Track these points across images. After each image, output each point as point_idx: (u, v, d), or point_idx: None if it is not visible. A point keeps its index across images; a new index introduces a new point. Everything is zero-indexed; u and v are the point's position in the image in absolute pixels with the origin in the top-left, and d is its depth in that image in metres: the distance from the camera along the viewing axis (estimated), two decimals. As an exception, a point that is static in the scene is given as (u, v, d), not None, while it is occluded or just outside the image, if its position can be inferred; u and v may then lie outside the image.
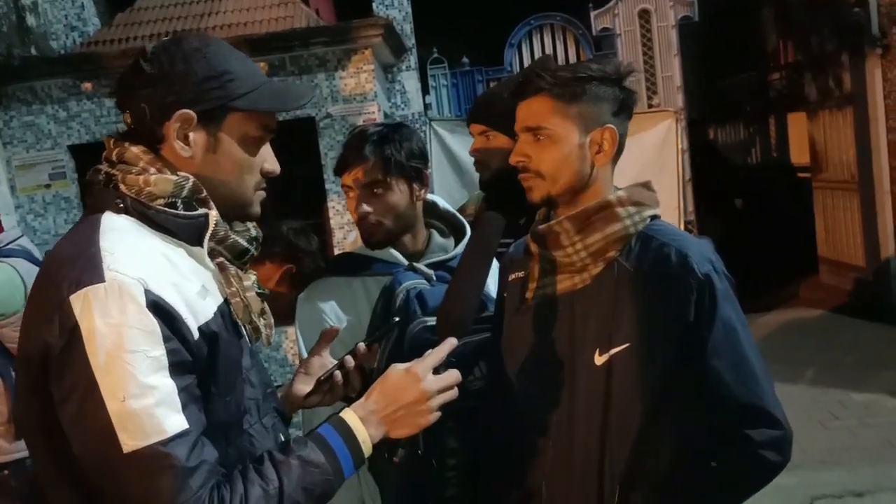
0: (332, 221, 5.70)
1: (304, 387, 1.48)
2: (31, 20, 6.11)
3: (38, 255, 3.02)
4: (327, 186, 5.64)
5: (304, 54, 5.42)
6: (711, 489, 1.38)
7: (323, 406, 1.51)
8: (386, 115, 5.96)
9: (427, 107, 6.98)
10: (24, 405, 1.15)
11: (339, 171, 1.79)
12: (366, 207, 1.74)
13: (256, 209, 1.29)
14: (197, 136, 1.19)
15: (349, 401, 1.48)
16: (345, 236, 5.67)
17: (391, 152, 1.75)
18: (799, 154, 9.14)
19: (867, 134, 6.93)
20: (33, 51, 6.04)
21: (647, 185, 1.53)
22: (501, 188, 2.11)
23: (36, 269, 2.86)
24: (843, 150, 7.43)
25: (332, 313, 1.77)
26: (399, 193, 1.77)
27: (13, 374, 2.81)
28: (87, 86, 5.49)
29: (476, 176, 5.94)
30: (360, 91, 5.53)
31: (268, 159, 1.28)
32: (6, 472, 2.84)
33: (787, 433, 1.38)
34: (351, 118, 5.53)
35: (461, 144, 6.48)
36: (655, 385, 1.37)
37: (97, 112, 5.57)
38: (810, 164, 8.43)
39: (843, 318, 6.83)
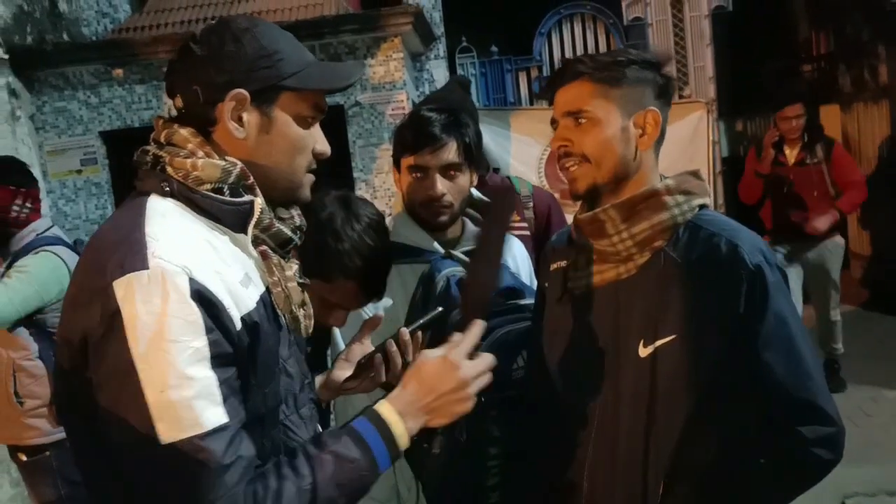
0: (359, 210, 5.68)
1: (342, 372, 1.47)
2: (63, 6, 6.14)
3: (69, 241, 3.05)
4: (355, 175, 5.63)
5: (334, 41, 5.39)
6: (759, 486, 1.35)
7: (362, 392, 1.50)
8: (414, 104, 5.93)
9: (455, 96, 6.93)
10: (63, 388, 1.15)
11: (410, 150, 1.76)
12: (441, 188, 1.74)
13: (307, 192, 1.28)
14: (250, 117, 1.18)
15: (388, 387, 1.47)
16: (372, 225, 5.65)
17: (467, 137, 1.76)
18: (831, 146, 8.98)
19: (903, 127, 6.79)
20: (65, 37, 6.08)
21: (696, 174, 1.49)
22: None
23: (76, 256, 2.91)
24: (878, 144, 7.28)
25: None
26: (467, 178, 1.79)
27: (54, 358, 2.85)
28: (119, 72, 5.51)
29: (503, 163, 5.93)
30: (388, 79, 5.50)
31: (319, 140, 1.27)
32: (48, 452, 2.89)
33: (840, 430, 1.35)
34: (379, 106, 5.51)
35: (488, 133, 6.41)
36: (702, 378, 1.34)
37: (128, 98, 5.59)
38: (843, 156, 8.27)
39: (875, 313, 6.71)
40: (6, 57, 5.20)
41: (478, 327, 1.28)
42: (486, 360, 1.26)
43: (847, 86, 8.08)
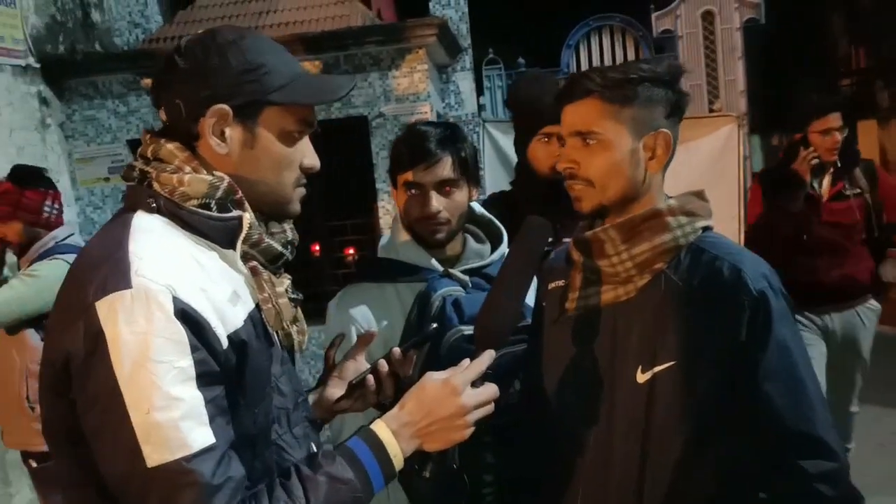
0: (381, 221, 5.68)
1: (335, 391, 1.44)
2: (95, 16, 6.25)
3: None
4: (378, 186, 5.63)
5: (358, 53, 5.41)
6: None
7: (354, 412, 1.47)
8: (439, 116, 5.93)
9: (481, 108, 6.91)
10: (49, 409, 1.13)
11: (405, 167, 1.73)
12: (436, 205, 1.71)
13: (296, 207, 1.25)
14: (233, 132, 1.16)
15: (381, 407, 1.44)
16: (395, 236, 5.65)
17: (464, 152, 1.74)
18: (867, 163, 8.79)
19: (942, 144, 6.61)
20: (97, 46, 6.18)
21: (699, 195, 1.44)
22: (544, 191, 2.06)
23: None
24: (916, 161, 7.11)
25: (364, 320, 1.72)
26: (465, 193, 1.76)
27: None
28: (147, 81, 5.58)
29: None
30: (413, 90, 5.50)
31: (307, 154, 1.24)
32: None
33: (844, 466, 1.28)
34: (403, 118, 5.51)
35: (513, 146, 6.38)
36: (701, 407, 1.29)
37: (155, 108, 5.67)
38: (880, 173, 8.09)
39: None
40: (38, 66, 5.30)
41: (487, 356, 1.24)
42: (489, 390, 1.22)
43: (885, 101, 7.91)
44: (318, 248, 5.79)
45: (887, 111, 7.88)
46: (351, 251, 5.80)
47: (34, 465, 2.96)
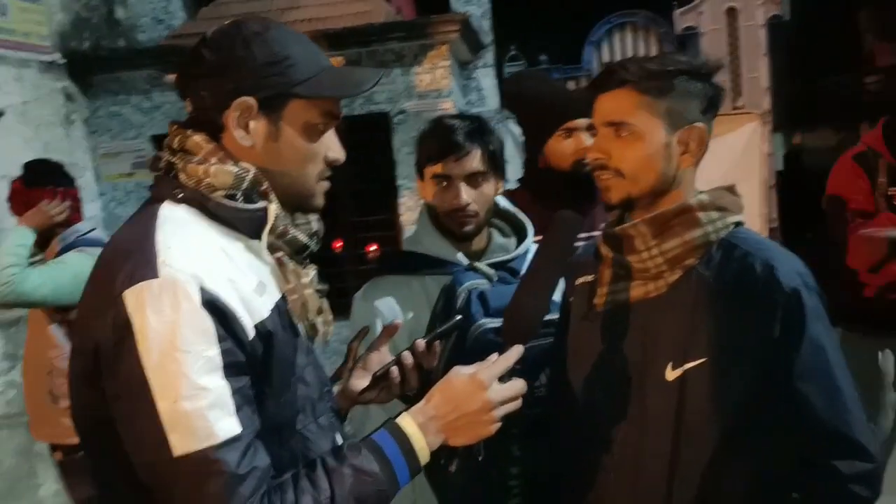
0: (402, 217, 5.69)
1: (360, 382, 1.44)
2: (120, 13, 6.31)
3: None
4: (399, 182, 5.63)
5: (381, 49, 5.42)
6: None
7: (379, 403, 1.47)
8: (461, 112, 5.92)
9: (503, 105, 6.90)
10: (78, 397, 1.14)
11: (434, 159, 1.73)
12: (466, 197, 1.71)
13: (320, 200, 1.24)
14: (258, 125, 1.16)
15: (405, 398, 1.44)
16: (416, 232, 5.65)
17: (492, 144, 1.74)
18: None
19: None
20: (121, 43, 6.24)
21: (731, 189, 1.42)
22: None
23: None
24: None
25: (390, 313, 1.72)
26: (493, 186, 1.76)
27: None
28: (171, 77, 5.62)
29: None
30: (435, 87, 5.50)
31: (332, 147, 1.23)
32: (82, 452, 2.92)
33: (879, 466, 1.26)
34: (426, 114, 5.50)
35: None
36: (733, 405, 1.27)
37: (179, 103, 5.57)
38: (906, 172, 7.97)
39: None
40: (63, 62, 5.35)
41: (515, 351, 1.23)
42: (517, 385, 1.21)
43: (911, 99, 7.80)
44: (340, 244, 5.81)
45: (914, 109, 7.77)
46: (373, 248, 5.81)
47: (60, 456, 2.99)
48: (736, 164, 5.80)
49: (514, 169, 6.36)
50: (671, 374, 1.31)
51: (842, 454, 1.25)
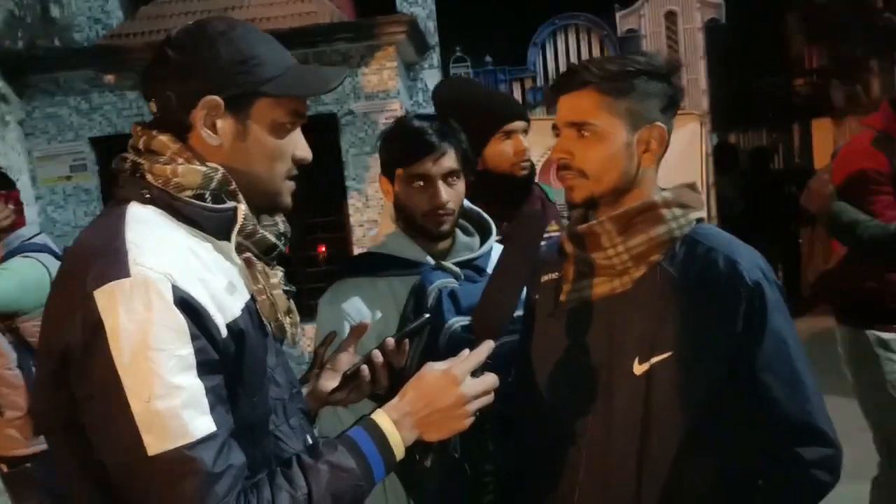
0: (351, 219, 5.66)
1: (329, 383, 1.44)
2: (55, 11, 6.12)
3: (58, 249, 3.00)
4: (347, 184, 5.61)
5: (328, 50, 5.39)
6: None
7: (349, 403, 1.47)
8: (407, 113, 5.93)
9: (449, 105, 6.92)
10: (45, 401, 1.12)
11: (411, 159, 1.72)
12: (445, 196, 1.71)
13: (287, 199, 1.24)
14: (225, 124, 1.15)
15: (376, 398, 1.44)
16: (364, 234, 5.63)
17: (463, 143, 1.76)
18: (823, 160, 9.02)
19: None
20: (56, 42, 6.05)
21: (692, 187, 1.46)
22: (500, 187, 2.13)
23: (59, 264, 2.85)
24: (871, 158, 7.30)
25: (357, 315, 1.71)
26: (463, 184, 1.77)
27: (33, 368, 2.80)
28: (110, 78, 5.49)
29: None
30: (382, 88, 5.49)
31: (299, 146, 1.23)
32: (28, 464, 2.83)
33: (839, 452, 1.32)
34: (373, 115, 5.50)
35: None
36: (699, 397, 1.31)
37: (119, 104, 5.57)
38: (835, 170, 8.29)
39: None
40: (-4, 62, 5.18)
41: (486, 346, 1.25)
42: (489, 380, 1.23)
43: (840, 100, 8.12)
44: (288, 246, 5.74)
45: (842, 110, 8.08)
46: (322, 249, 5.76)
47: (5, 469, 2.90)
48: (678, 163, 5.93)
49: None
50: (638, 369, 1.34)
51: (804, 441, 1.30)
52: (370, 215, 5.62)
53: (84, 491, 1.10)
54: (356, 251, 5.57)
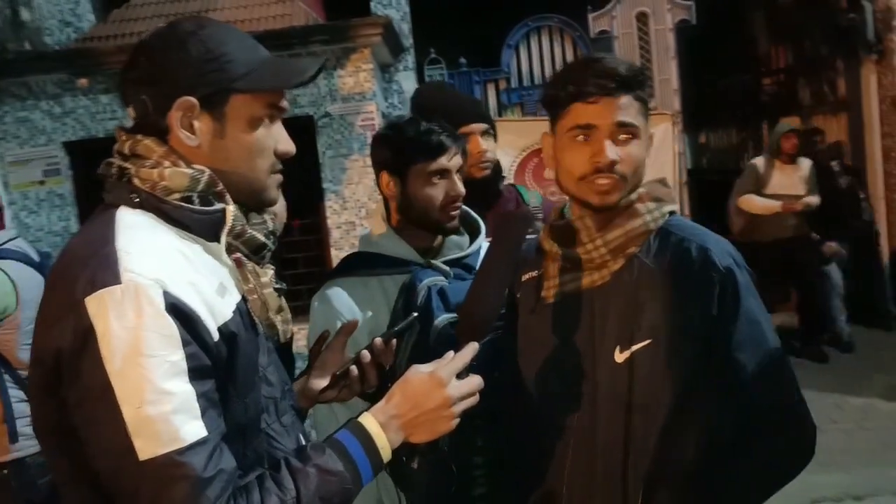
0: (329, 221, 5.67)
1: (320, 381, 1.46)
2: (25, 15, 6.05)
3: (34, 254, 2.97)
4: (324, 185, 5.61)
5: (303, 52, 5.38)
6: (737, 485, 1.37)
7: (339, 401, 1.49)
8: (383, 115, 5.94)
9: (423, 107, 6.94)
10: (38, 406, 1.12)
11: (435, 154, 1.76)
12: (462, 188, 1.79)
13: (273, 194, 1.24)
14: (202, 124, 1.15)
15: (365, 396, 1.47)
16: (342, 236, 5.64)
17: (462, 142, 1.82)
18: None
19: (861, 139, 6.96)
20: (27, 46, 5.99)
21: (663, 182, 1.53)
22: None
23: (30, 271, 2.81)
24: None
25: (349, 314, 1.74)
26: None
27: (3, 375, 2.78)
28: (83, 82, 5.45)
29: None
30: (358, 90, 5.51)
31: (280, 140, 1.23)
32: (6, 471, 2.81)
33: (813, 427, 1.38)
34: (349, 117, 5.51)
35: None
36: (679, 380, 1.36)
37: (92, 108, 5.53)
38: (803, 168, 8.43)
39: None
40: (-34, 66, 5.12)
41: (470, 349, 1.27)
42: (474, 381, 1.25)
43: (806, 99, 8.26)
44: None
45: (808, 108, 8.22)
46: (297, 223, 5.71)
47: None
48: (652, 162, 6.01)
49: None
50: (620, 357, 1.39)
51: (779, 417, 1.36)
52: (347, 217, 5.63)
53: (78, 495, 1.10)
54: (334, 253, 5.57)
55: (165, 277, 1.04)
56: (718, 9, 8.94)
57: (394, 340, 1.48)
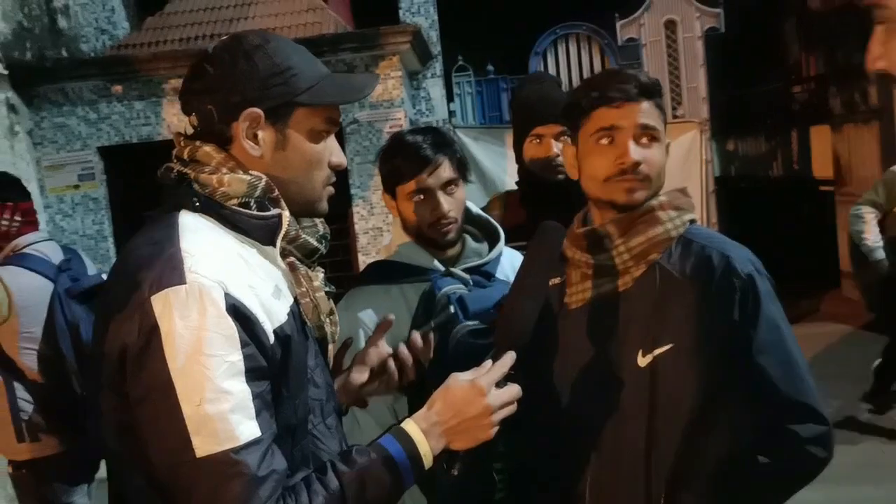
0: (356, 227, 5.72)
1: (360, 377, 1.49)
2: (62, 23, 6.20)
3: (56, 257, 2.96)
4: (352, 192, 5.67)
5: (333, 60, 5.45)
6: (758, 486, 1.39)
7: (378, 395, 1.53)
8: (411, 122, 6.00)
9: (451, 114, 7.00)
10: (104, 403, 1.15)
11: (411, 175, 1.77)
12: (447, 206, 1.76)
13: (325, 205, 1.29)
14: (265, 134, 1.20)
15: (404, 390, 1.50)
16: (369, 241, 5.69)
17: (457, 151, 1.81)
18: (821, 167, 9.08)
19: (893, 148, 6.88)
20: (64, 53, 6.14)
21: (683, 191, 1.56)
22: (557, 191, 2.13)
23: (33, 278, 2.87)
24: (868, 165, 7.38)
25: (371, 322, 1.76)
26: (463, 191, 1.83)
27: (10, 377, 2.85)
28: (118, 88, 5.56)
29: (500, 182, 5.87)
30: (387, 97, 5.56)
31: (334, 152, 1.28)
32: (24, 470, 2.89)
33: (831, 428, 1.40)
34: (378, 124, 5.56)
35: (484, 152, 6.48)
36: (701, 384, 1.38)
37: (127, 114, 5.64)
38: (834, 177, 8.36)
39: (866, 333, 6.73)
40: (6, 72, 5.25)
41: (509, 357, 1.28)
42: (513, 390, 1.26)
43: (838, 107, 8.18)
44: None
45: (840, 117, 8.14)
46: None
47: (10, 470, 2.97)
48: (678, 171, 6.01)
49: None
50: (643, 361, 1.41)
51: (800, 419, 1.38)
52: (374, 223, 5.68)
53: (133, 487, 1.14)
54: (361, 259, 5.63)
55: (227, 279, 1.08)
56: (748, 16, 8.89)
57: (431, 335, 1.51)
